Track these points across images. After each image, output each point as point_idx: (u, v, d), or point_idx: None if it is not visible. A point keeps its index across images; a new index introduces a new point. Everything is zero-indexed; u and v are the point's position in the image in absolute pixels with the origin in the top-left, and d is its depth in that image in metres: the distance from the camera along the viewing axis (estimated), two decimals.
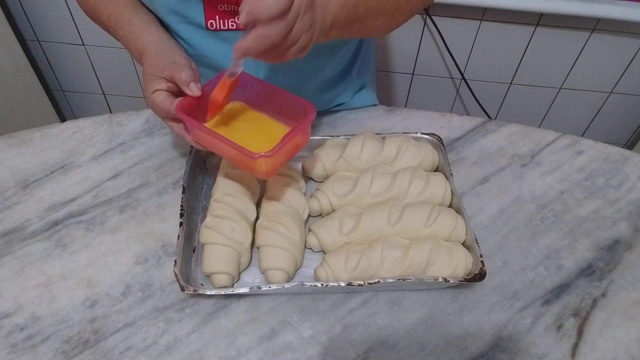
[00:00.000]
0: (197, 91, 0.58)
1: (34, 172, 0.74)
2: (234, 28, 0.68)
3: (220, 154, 0.62)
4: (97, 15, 0.71)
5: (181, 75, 0.58)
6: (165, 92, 0.59)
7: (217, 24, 0.68)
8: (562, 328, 0.59)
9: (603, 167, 0.78)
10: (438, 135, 0.75)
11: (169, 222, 0.67)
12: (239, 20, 0.49)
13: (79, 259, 0.64)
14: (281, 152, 0.56)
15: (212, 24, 0.68)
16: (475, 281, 0.58)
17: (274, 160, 0.56)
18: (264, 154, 0.54)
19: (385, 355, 0.56)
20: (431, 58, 1.46)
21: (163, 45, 0.64)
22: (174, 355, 0.55)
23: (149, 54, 0.63)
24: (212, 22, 0.67)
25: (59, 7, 1.43)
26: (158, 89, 0.59)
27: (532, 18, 1.33)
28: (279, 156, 0.57)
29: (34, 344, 0.56)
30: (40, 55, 1.57)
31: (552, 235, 0.69)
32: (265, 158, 0.55)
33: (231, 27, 0.68)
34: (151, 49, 0.64)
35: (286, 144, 0.56)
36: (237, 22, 0.67)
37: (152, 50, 0.63)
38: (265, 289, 0.57)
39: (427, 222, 0.63)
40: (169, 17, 0.69)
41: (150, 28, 0.67)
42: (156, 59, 0.61)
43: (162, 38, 0.66)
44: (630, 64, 1.42)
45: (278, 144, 0.55)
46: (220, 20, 0.67)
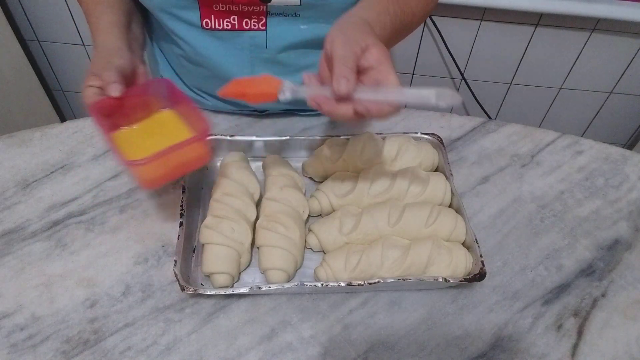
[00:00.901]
0: (116, 92, 0.58)
1: (34, 172, 0.74)
2: (229, 28, 0.68)
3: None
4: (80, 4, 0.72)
5: (105, 75, 0.58)
6: (97, 89, 0.59)
7: (212, 23, 0.68)
8: (562, 328, 0.59)
9: (603, 167, 0.78)
10: (438, 135, 0.75)
11: (169, 222, 0.67)
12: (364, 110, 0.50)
13: (79, 259, 0.64)
14: (156, 165, 0.55)
15: (208, 23, 0.68)
16: (475, 281, 0.58)
17: (148, 170, 0.55)
18: (129, 162, 0.53)
19: (385, 355, 0.56)
20: (431, 58, 1.46)
21: (112, 46, 0.64)
22: (174, 355, 0.55)
23: (96, 52, 0.64)
24: (207, 22, 0.68)
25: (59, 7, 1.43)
26: (90, 85, 0.60)
27: (532, 18, 1.33)
28: (154, 167, 0.55)
29: (34, 344, 0.56)
30: (40, 55, 1.57)
31: (552, 235, 0.69)
32: (133, 166, 0.54)
33: (226, 27, 0.68)
34: (100, 48, 0.64)
35: (164, 157, 0.54)
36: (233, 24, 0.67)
37: (100, 49, 0.64)
38: (265, 289, 0.57)
39: (427, 222, 0.63)
40: (163, 16, 0.69)
41: (110, 29, 0.66)
42: (98, 58, 0.62)
43: (115, 39, 0.65)
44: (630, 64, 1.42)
45: (151, 155, 0.54)
46: (215, 20, 0.68)
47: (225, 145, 0.74)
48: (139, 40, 0.72)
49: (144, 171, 0.56)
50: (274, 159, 0.71)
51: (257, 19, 0.67)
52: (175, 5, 0.66)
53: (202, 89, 0.82)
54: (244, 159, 0.72)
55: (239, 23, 0.68)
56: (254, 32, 0.69)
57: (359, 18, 0.57)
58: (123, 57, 0.62)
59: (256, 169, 0.72)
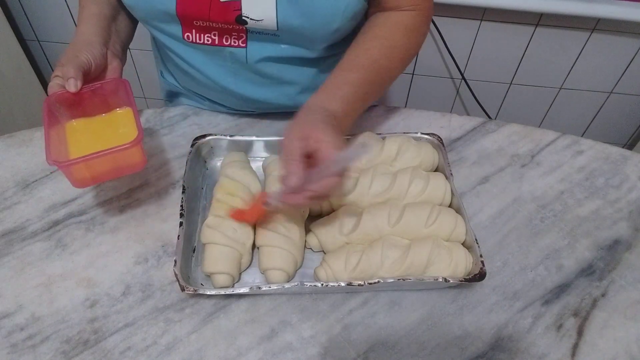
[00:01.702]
0: (72, 87, 0.60)
1: (34, 172, 0.74)
2: (209, 43, 0.69)
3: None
4: None
5: (65, 69, 0.60)
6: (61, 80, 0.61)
7: (193, 37, 0.68)
8: (562, 328, 0.59)
9: (603, 167, 0.78)
10: (438, 135, 0.75)
11: (169, 222, 0.67)
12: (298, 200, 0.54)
13: (79, 259, 0.64)
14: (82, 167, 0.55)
15: (189, 37, 0.68)
16: (475, 281, 0.58)
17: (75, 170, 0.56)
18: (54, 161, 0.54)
19: (385, 355, 0.56)
20: (431, 58, 1.46)
21: (85, 39, 0.65)
22: (174, 355, 0.55)
23: (70, 44, 0.65)
24: (188, 35, 0.68)
25: (59, 7, 1.43)
26: (57, 75, 0.61)
27: (532, 18, 1.33)
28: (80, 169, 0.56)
29: (34, 344, 0.56)
30: (40, 55, 1.57)
31: (552, 235, 0.69)
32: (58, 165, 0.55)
33: (207, 42, 0.69)
34: (75, 40, 0.65)
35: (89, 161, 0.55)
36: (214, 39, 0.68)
37: (74, 42, 0.65)
38: (265, 289, 0.57)
39: (427, 222, 0.63)
40: (147, 26, 0.70)
41: (90, 21, 0.68)
42: (69, 49, 0.63)
43: (90, 32, 0.66)
44: (630, 64, 1.42)
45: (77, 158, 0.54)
46: (196, 34, 0.68)
47: (225, 145, 0.74)
48: (121, 34, 0.73)
49: (72, 171, 0.57)
50: (274, 159, 0.71)
51: (237, 36, 0.68)
52: (157, 19, 0.67)
53: (197, 91, 0.82)
54: (245, 159, 0.72)
55: (219, 39, 0.68)
56: (235, 48, 0.69)
57: (313, 105, 0.60)
58: (92, 51, 0.63)
59: (256, 169, 0.72)
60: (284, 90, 0.75)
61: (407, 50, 0.68)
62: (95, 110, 0.65)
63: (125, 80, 0.65)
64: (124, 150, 0.56)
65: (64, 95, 0.61)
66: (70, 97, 0.61)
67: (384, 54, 0.65)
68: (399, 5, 0.66)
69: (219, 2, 0.63)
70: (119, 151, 0.55)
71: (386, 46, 0.65)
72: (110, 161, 0.57)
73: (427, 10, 0.68)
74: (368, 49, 0.65)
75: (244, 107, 0.80)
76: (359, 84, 0.63)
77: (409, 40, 0.67)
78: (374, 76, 0.65)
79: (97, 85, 0.64)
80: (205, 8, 0.63)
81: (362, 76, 0.63)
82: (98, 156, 0.55)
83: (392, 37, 0.66)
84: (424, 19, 0.69)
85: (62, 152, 0.59)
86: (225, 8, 0.63)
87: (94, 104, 0.64)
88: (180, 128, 0.81)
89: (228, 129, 0.81)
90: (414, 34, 0.68)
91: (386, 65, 0.66)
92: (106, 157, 0.55)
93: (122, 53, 0.72)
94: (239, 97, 0.76)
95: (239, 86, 0.74)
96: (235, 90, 0.75)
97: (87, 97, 0.63)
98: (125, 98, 0.64)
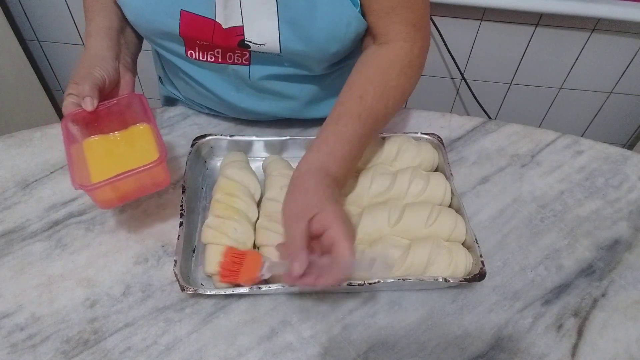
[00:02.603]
0: (89, 106, 0.59)
1: (34, 172, 0.74)
2: (212, 61, 0.68)
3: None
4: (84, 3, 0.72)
5: (80, 87, 0.59)
6: (77, 97, 0.60)
7: (196, 55, 0.68)
8: (562, 328, 0.59)
9: (603, 167, 0.78)
10: (438, 135, 0.75)
11: (169, 222, 0.67)
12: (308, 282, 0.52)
13: (79, 259, 0.64)
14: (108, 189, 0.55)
15: (192, 54, 0.68)
16: (475, 281, 0.58)
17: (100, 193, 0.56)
18: (80, 185, 0.54)
19: (385, 355, 0.56)
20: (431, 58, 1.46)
21: (96, 53, 0.65)
22: (174, 355, 0.55)
23: (81, 59, 0.64)
24: (191, 53, 0.68)
25: (59, 7, 1.43)
26: (71, 93, 0.61)
27: (532, 18, 1.33)
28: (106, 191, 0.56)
29: (34, 344, 0.56)
30: (40, 55, 1.57)
31: (552, 235, 0.69)
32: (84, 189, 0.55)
33: (210, 60, 0.68)
34: (85, 55, 0.65)
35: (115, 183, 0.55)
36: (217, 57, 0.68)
37: (85, 56, 0.64)
38: (265, 289, 0.57)
39: (427, 222, 0.63)
40: (151, 43, 0.70)
41: (99, 34, 0.67)
42: (82, 65, 0.63)
43: (102, 46, 0.66)
44: (630, 64, 1.42)
45: (102, 181, 0.54)
46: (199, 52, 0.68)
47: (225, 145, 0.74)
48: (130, 45, 0.72)
49: (97, 194, 0.57)
50: (274, 159, 0.71)
51: (240, 55, 0.67)
52: (160, 37, 0.67)
53: (198, 101, 0.82)
54: (244, 159, 0.72)
55: (222, 57, 0.68)
56: (238, 66, 0.69)
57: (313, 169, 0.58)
58: (105, 67, 0.63)
59: (256, 169, 0.72)
60: (286, 104, 0.76)
61: (403, 91, 0.65)
62: (111, 127, 0.64)
63: (141, 95, 0.64)
64: (148, 170, 0.56)
65: (81, 114, 0.60)
66: (86, 115, 0.60)
67: (378, 100, 0.62)
68: (393, 39, 0.64)
69: (222, 29, 0.63)
70: (144, 171, 0.56)
71: (380, 92, 0.62)
72: (136, 181, 0.57)
73: (422, 42, 0.65)
74: (362, 97, 0.62)
75: (246, 118, 0.80)
76: (357, 138, 0.61)
77: (404, 80, 0.65)
78: (370, 126, 0.62)
79: (113, 102, 0.63)
80: (209, 32, 0.63)
81: (359, 129, 0.61)
82: (124, 177, 0.55)
83: (387, 79, 0.63)
84: (419, 52, 0.65)
85: (83, 173, 0.59)
86: (228, 33, 0.63)
87: (110, 121, 0.64)
88: (180, 128, 0.81)
89: (228, 129, 0.81)
90: (409, 71, 0.65)
91: (382, 112, 0.63)
92: (131, 177, 0.55)
93: (132, 66, 0.71)
94: (242, 110, 0.77)
95: (242, 100, 0.74)
96: (238, 104, 0.75)
97: (103, 114, 0.62)
98: (142, 113, 0.64)
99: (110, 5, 0.69)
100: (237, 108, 0.76)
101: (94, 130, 0.64)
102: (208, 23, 0.62)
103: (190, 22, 0.62)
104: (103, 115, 0.62)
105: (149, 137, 0.63)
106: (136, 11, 0.64)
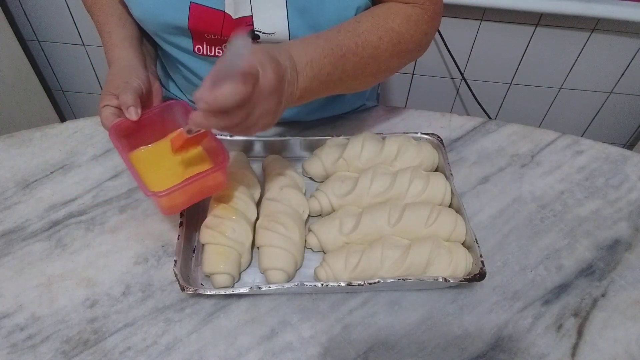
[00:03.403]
0: (134, 116, 0.58)
1: (34, 172, 0.74)
2: (220, 55, 0.68)
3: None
4: (91, 16, 0.72)
5: (123, 97, 0.59)
6: (115, 109, 0.60)
7: (204, 49, 0.68)
8: (562, 328, 0.59)
9: (603, 167, 0.78)
10: (438, 135, 0.75)
11: (169, 222, 0.67)
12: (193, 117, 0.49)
13: (79, 259, 0.64)
14: (177, 194, 0.56)
15: (200, 49, 0.68)
16: (475, 281, 0.58)
17: (169, 199, 0.57)
18: (153, 193, 0.54)
19: (385, 355, 0.56)
20: (431, 58, 1.46)
21: (127, 64, 0.64)
22: (174, 355, 0.55)
23: (112, 70, 0.64)
24: (199, 48, 0.68)
25: (59, 7, 1.43)
26: (108, 104, 0.60)
27: (532, 18, 1.33)
28: (176, 196, 0.57)
29: (34, 344, 0.56)
30: (40, 55, 1.57)
31: (552, 235, 0.69)
32: (156, 197, 0.55)
33: (217, 54, 0.68)
34: (115, 66, 0.64)
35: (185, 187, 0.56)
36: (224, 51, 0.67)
37: (116, 67, 0.64)
38: (265, 289, 0.57)
39: (427, 222, 0.63)
40: (157, 39, 0.70)
41: (124, 45, 0.66)
42: (115, 76, 0.62)
43: (130, 56, 0.65)
44: (630, 64, 1.42)
45: (174, 186, 0.55)
46: (207, 47, 0.68)
47: (225, 145, 0.74)
48: (151, 53, 0.73)
49: (166, 200, 0.57)
50: (274, 159, 0.71)
51: None
52: (168, 32, 0.67)
53: None
54: (244, 159, 0.72)
55: None
56: None
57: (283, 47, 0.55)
58: (139, 76, 0.62)
59: (256, 169, 0.72)
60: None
61: (402, 37, 0.63)
62: (153, 135, 0.64)
63: (185, 102, 0.63)
64: (214, 173, 0.57)
65: (124, 124, 0.59)
66: (129, 125, 0.59)
67: (374, 31, 0.61)
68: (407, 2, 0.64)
69: (232, 19, 0.63)
70: (210, 174, 0.57)
71: (380, 25, 0.61)
72: (200, 185, 0.58)
73: (433, 9, 0.65)
74: (359, 22, 0.61)
75: None
76: (336, 43, 0.58)
77: (406, 29, 0.63)
78: (356, 45, 0.60)
79: (155, 110, 0.62)
80: (218, 24, 0.63)
81: (342, 39, 0.59)
82: (192, 182, 0.56)
83: (389, 19, 0.62)
84: (428, 18, 0.65)
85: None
86: (237, 24, 0.63)
87: (152, 129, 0.63)
88: None
89: None
90: (414, 25, 0.63)
91: (374, 43, 0.61)
92: (198, 181, 0.56)
93: (157, 73, 0.71)
94: None
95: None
96: None
97: (145, 123, 0.61)
98: (182, 120, 0.63)
99: (125, 15, 0.69)
100: None
101: (136, 140, 0.63)
102: (217, 14, 0.62)
103: (199, 14, 0.62)
104: (145, 124, 0.61)
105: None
106: (144, 6, 0.63)
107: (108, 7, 0.70)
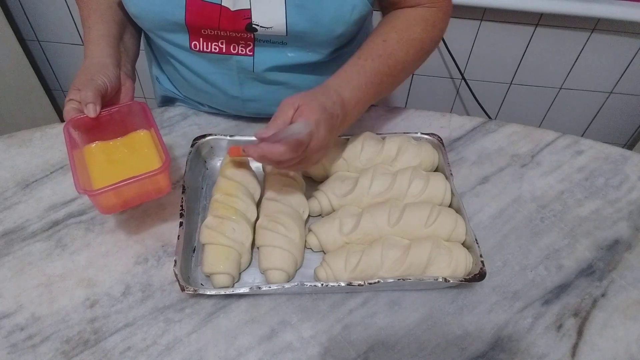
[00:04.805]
0: (92, 113, 0.60)
1: (34, 172, 0.74)
2: (216, 51, 0.69)
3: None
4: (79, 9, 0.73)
5: (83, 94, 0.60)
6: (77, 103, 0.61)
7: (200, 46, 0.68)
8: (562, 328, 0.59)
9: (603, 167, 0.78)
10: (438, 135, 0.75)
11: (169, 222, 0.67)
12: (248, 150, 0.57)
13: (79, 259, 0.64)
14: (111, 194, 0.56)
15: (196, 46, 0.68)
16: (475, 281, 0.58)
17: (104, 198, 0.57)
18: (84, 190, 0.55)
19: (385, 355, 0.56)
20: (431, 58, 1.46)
21: (98, 61, 0.65)
22: (174, 355, 0.55)
23: (83, 65, 0.65)
24: (195, 44, 0.68)
25: (59, 7, 1.43)
26: (72, 99, 0.61)
27: (532, 18, 1.33)
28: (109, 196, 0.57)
29: (34, 344, 0.56)
30: (40, 55, 1.57)
31: (552, 235, 0.69)
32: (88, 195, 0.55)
33: (214, 51, 0.69)
34: (87, 62, 0.65)
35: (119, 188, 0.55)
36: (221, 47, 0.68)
37: (87, 63, 0.65)
38: (265, 289, 0.57)
39: (427, 222, 0.63)
40: (153, 35, 0.70)
41: (99, 42, 0.67)
42: (83, 72, 0.63)
43: (103, 54, 0.66)
44: (630, 64, 1.42)
45: (106, 187, 0.55)
46: (203, 43, 0.68)
47: (225, 145, 0.74)
48: (129, 52, 0.73)
49: (101, 199, 0.57)
50: None
51: (244, 45, 0.68)
52: (164, 29, 0.67)
53: (197, 99, 0.82)
54: (244, 159, 0.72)
55: (226, 48, 0.68)
56: (241, 57, 0.69)
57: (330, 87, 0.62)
58: (107, 74, 0.63)
59: (256, 169, 0.72)
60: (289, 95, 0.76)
61: (425, 44, 0.69)
62: (112, 133, 0.65)
63: (144, 103, 0.64)
64: (152, 177, 0.57)
65: (82, 120, 0.61)
66: (88, 121, 0.61)
67: (401, 47, 0.66)
68: (419, 3, 0.67)
69: (229, 11, 0.63)
70: (147, 177, 0.56)
71: (404, 39, 0.66)
72: (138, 187, 0.58)
73: (447, 7, 0.69)
74: (385, 41, 0.66)
75: (248, 109, 0.80)
76: (373, 73, 0.64)
77: (427, 35, 0.68)
78: (389, 68, 0.65)
79: (114, 109, 0.63)
80: (215, 17, 0.63)
81: (377, 66, 0.64)
82: (127, 183, 0.55)
83: (411, 30, 0.67)
84: (443, 16, 0.69)
85: (85, 178, 0.59)
86: (235, 17, 0.63)
87: (111, 128, 0.64)
88: (180, 128, 0.81)
89: (228, 129, 0.81)
90: (433, 29, 0.68)
91: (402, 59, 0.66)
92: (135, 183, 0.56)
93: (132, 72, 0.72)
94: (244, 104, 0.77)
95: (245, 93, 0.74)
96: (240, 97, 0.75)
97: (104, 121, 0.63)
98: (143, 120, 0.64)
99: (108, 13, 0.70)
100: (239, 103, 0.76)
101: (94, 136, 0.64)
102: (214, 8, 0.63)
103: (196, 9, 0.63)
104: (104, 121, 0.63)
105: (150, 144, 0.64)
106: (141, 3, 0.64)
107: (93, 2, 0.70)
